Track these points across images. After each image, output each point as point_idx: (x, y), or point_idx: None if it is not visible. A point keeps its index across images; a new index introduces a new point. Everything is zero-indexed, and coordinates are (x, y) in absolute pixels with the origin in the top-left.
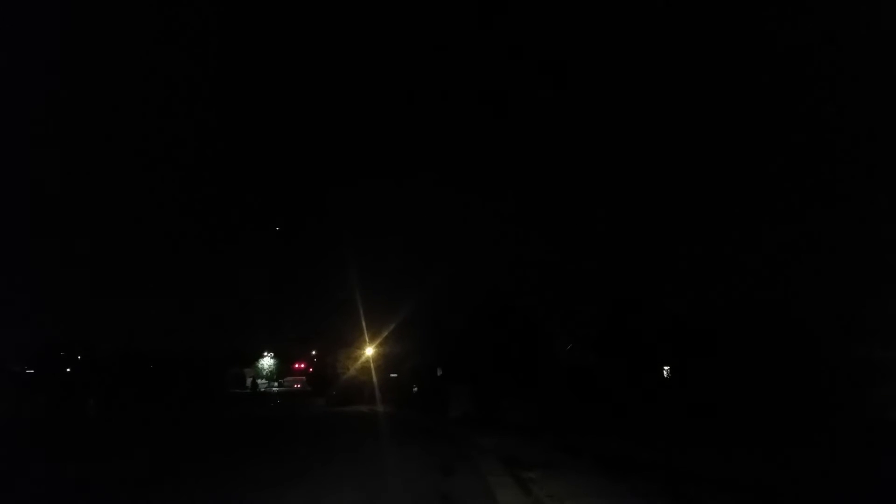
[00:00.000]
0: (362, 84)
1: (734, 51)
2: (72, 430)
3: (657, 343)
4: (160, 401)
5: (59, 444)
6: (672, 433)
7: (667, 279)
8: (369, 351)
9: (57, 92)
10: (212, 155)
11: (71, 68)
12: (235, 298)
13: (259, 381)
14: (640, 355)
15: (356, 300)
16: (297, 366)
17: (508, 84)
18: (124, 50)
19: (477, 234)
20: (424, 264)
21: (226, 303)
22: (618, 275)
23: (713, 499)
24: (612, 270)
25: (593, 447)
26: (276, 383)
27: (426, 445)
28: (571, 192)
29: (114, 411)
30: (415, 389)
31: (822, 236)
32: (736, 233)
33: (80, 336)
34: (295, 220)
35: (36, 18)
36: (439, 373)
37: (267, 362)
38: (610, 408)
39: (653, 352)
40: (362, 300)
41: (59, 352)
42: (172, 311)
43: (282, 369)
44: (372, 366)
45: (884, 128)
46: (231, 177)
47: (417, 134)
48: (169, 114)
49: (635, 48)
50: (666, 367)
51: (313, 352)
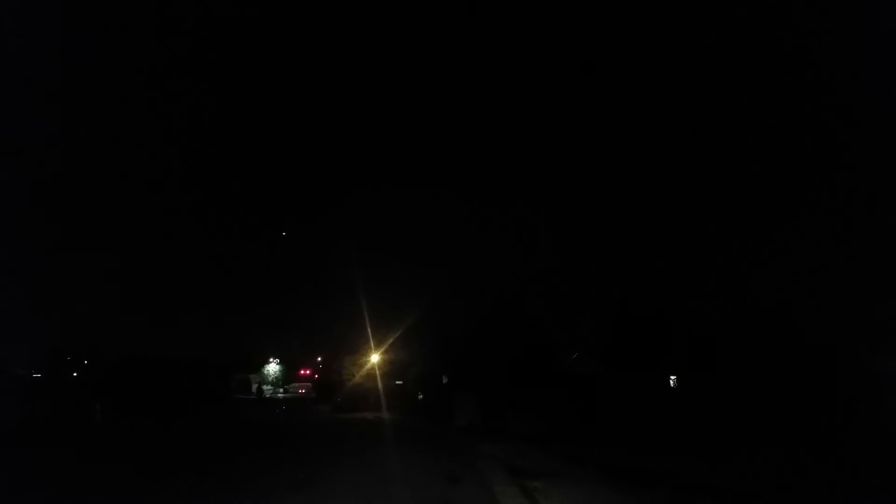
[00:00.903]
0: (370, 92)
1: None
2: (77, 435)
3: (663, 353)
4: (165, 406)
5: (64, 449)
6: (678, 444)
7: (674, 288)
8: (374, 358)
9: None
10: (220, 163)
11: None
12: (241, 305)
13: (264, 387)
14: (646, 365)
15: (362, 307)
16: (302, 372)
17: (517, 91)
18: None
19: (483, 242)
20: (430, 272)
21: (232, 309)
22: (624, 284)
23: None
24: (619, 280)
25: (599, 457)
26: (281, 389)
27: (431, 453)
28: (578, 201)
29: (119, 416)
30: (420, 397)
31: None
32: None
33: (86, 342)
34: (301, 226)
35: (36, 18)
36: (444, 381)
37: (272, 368)
38: (616, 417)
39: (659, 362)
40: (368, 307)
41: (65, 356)
42: (179, 318)
43: (287, 375)
44: (377, 373)
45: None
46: (238, 184)
47: (424, 141)
48: (175, 120)
49: (646, 52)
50: (672, 378)
51: (318, 358)
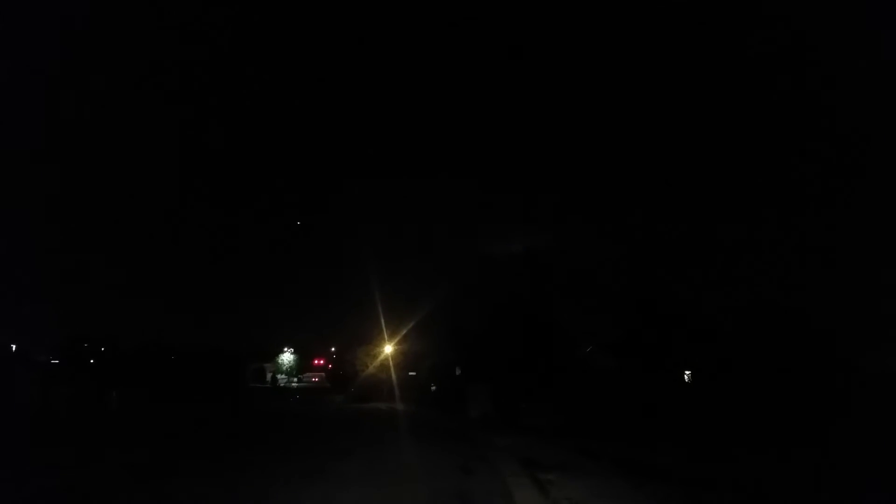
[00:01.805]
0: (382, 82)
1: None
2: (94, 422)
3: (678, 348)
4: (181, 394)
5: (83, 435)
6: (693, 439)
7: (690, 283)
8: (388, 349)
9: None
10: (234, 154)
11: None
12: (257, 294)
13: (279, 376)
14: (661, 360)
15: (375, 298)
16: (316, 362)
17: (529, 80)
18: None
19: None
20: (445, 263)
21: (248, 299)
22: (640, 278)
23: None
24: (635, 273)
25: (612, 451)
26: (295, 379)
27: (445, 445)
28: (595, 193)
29: (135, 404)
30: (433, 388)
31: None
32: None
33: (104, 329)
34: (316, 216)
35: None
36: (458, 372)
37: (287, 358)
38: (630, 411)
39: (674, 357)
40: (381, 298)
41: (83, 343)
42: (195, 307)
43: (301, 365)
44: (391, 363)
45: None
46: (252, 175)
47: (439, 131)
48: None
49: (660, 45)
50: (687, 373)
51: (333, 348)
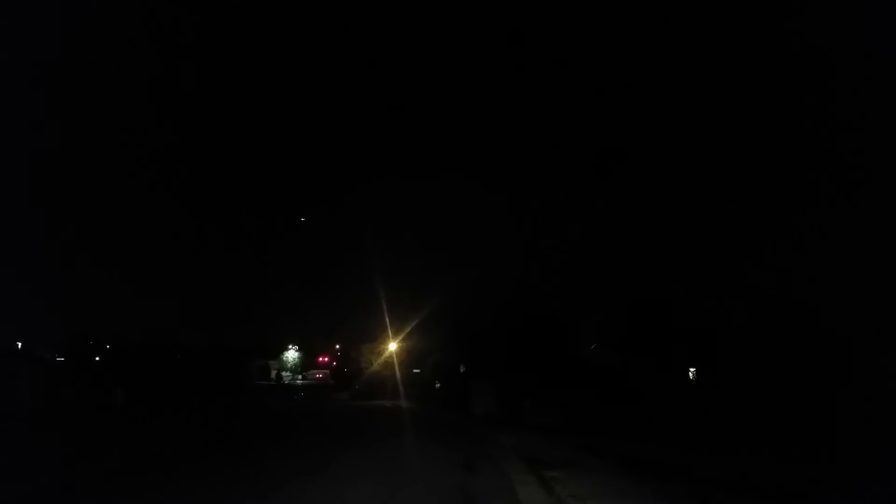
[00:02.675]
0: (387, 80)
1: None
2: (100, 419)
3: (683, 344)
4: (187, 392)
5: (88, 432)
6: (698, 436)
7: (694, 279)
8: (392, 346)
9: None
10: (239, 151)
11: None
12: (261, 292)
13: (283, 373)
14: (666, 356)
15: (380, 295)
16: (320, 359)
17: (533, 79)
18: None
19: (502, 230)
20: (448, 260)
21: (252, 296)
22: (644, 274)
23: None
24: (639, 269)
25: (617, 448)
26: (299, 376)
27: (449, 442)
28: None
29: (141, 401)
30: (437, 386)
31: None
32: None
33: (109, 326)
34: (321, 214)
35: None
36: (462, 369)
37: (291, 355)
38: (634, 409)
39: (679, 353)
40: (386, 295)
41: (88, 341)
42: (200, 305)
43: (306, 362)
44: (395, 361)
45: None
46: (258, 173)
47: (443, 130)
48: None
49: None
50: (692, 369)
51: (337, 346)
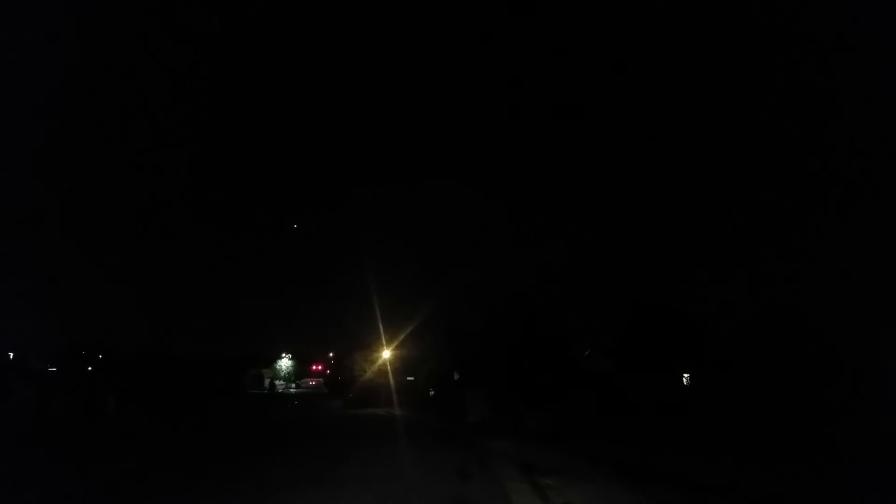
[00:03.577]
0: (380, 86)
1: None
2: (93, 429)
3: (676, 351)
4: (179, 401)
5: (83, 443)
6: (692, 443)
7: (687, 286)
8: (386, 354)
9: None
10: (230, 159)
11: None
12: (254, 300)
13: (277, 382)
14: (659, 363)
15: (373, 303)
16: (314, 367)
17: (525, 85)
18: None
19: (496, 237)
20: (442, 267)
21: (245, 304)
22: (638, 281)
23: None
24: (633, 277)
25: (612, 455)
26: (293, 384)
27: (443, 450)
28: (592, 197)
29: (133, 411)
30: (431, 393)
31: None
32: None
33: (101, 337)
34: (313, 222)
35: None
36: (456, 377)
37: (284, 363)
38: (628, 415)
39: (672, 360)
40: (379, 303)
41: (80, 351)
42: (193, 315)
43: (299, 370)
44: (389, 368)
45: None
46: (249, 180)
47: (435, 137)
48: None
49: (656, 48)
50: (686, 375)
51: (330, 354)
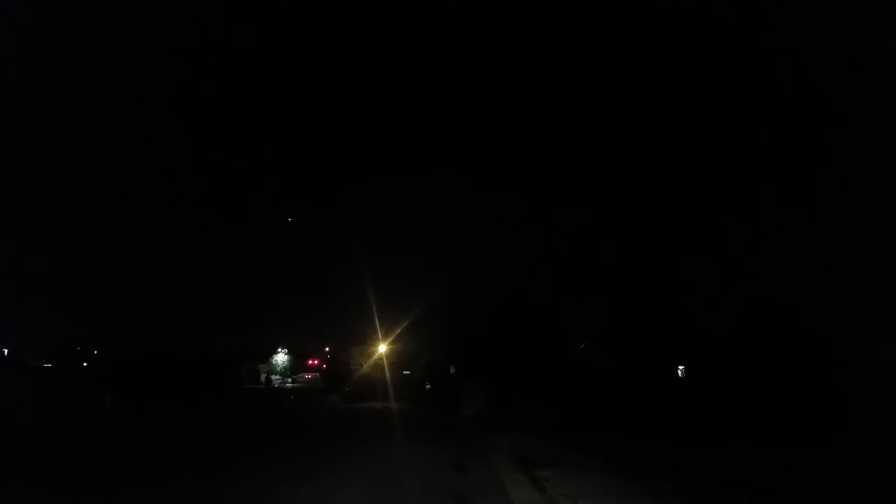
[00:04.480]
0: (377, 84)
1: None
2: (90, 425)
3: (671, 343)
4: (175, 396)
5: (81, 438)
6: (687, 434)
7: (682, 279)
8: (382, 348)
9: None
10: (228, 155)
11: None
12: (250, 295)
13: (273, 376)
14: (654, 354)
15: (370, 297)
16: (310, 362)
17: (521, 82)
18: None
19: (492, 232)
20: (438, 262)
21: (241, 299)
22: (633, 274)
23: (729, 501)
24: (628, 270)
25: (607, 447)
26: (289, 379)
27: (440, 443)
28: (589, 192)
29: (129, 406)
30: (428, 387)
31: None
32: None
33: (96, 332)
34: (310, 217)
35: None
36: (452, 370)
37: (281, 358)
38: (624, 407)
39: (667, 351)
40: (376, 297)
41: (76, 347)
42: (188, 309)
43: (296, 365)
44: (385, 363)
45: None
46: (247, 176)
47: (432, 133)
48: (183, 115)
49: (652, 46)
50: (680, 367)
51: (327, 348)
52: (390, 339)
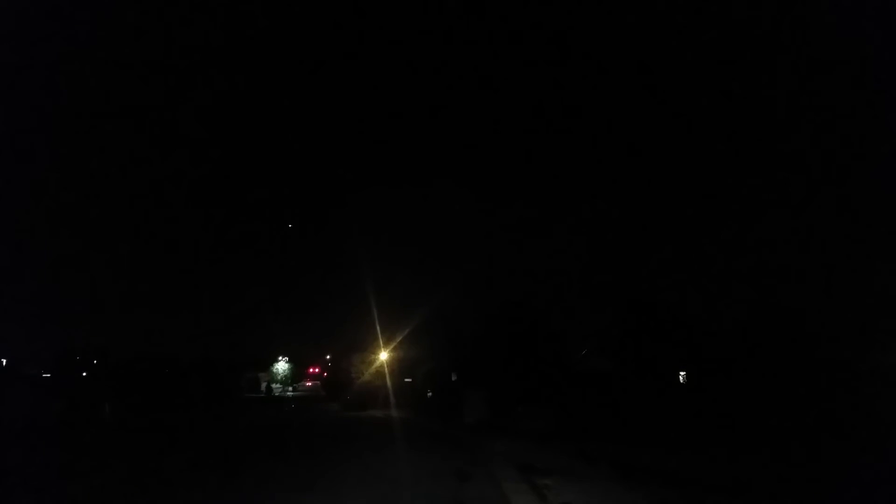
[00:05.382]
0: (378, 90)
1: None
2: (89, 435)
3: (673, 350)
4: (176, 405)
5: (78, 450)
6: (690, 442)
7: (683, 287)
8: (383, 355)
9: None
10: (228, 161)
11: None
12: (250, 303)
13: (273, 385)
14: (656, 363)
15: (371, 305)
16: (311, 370)
17: (520, 87)
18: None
19: (492, 239)
20: (440, 269)
21: (241, 307)
22: (634, 280)
23: None
24: (629, 275)
25: (609, 454)
26: (290, 387)
27: (441, 451)
28: (588, 197)
29: (129, 416)
30: (429, 394)
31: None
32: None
33: (95, 341)
34: (311, 224)
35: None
36: (454, 378)
37: (281, 367)
38: (625, 414)
39: (668, 359)
40: (377, 305)
41: (75, 356)
42: (188, 317)
43: (296, 373)
44: (386, 370)
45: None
46: (247, 183)
47: (432, 140)
48: (181, 121)
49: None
50: (682, 373)
51: (327, 356)
52: (391, 347)
